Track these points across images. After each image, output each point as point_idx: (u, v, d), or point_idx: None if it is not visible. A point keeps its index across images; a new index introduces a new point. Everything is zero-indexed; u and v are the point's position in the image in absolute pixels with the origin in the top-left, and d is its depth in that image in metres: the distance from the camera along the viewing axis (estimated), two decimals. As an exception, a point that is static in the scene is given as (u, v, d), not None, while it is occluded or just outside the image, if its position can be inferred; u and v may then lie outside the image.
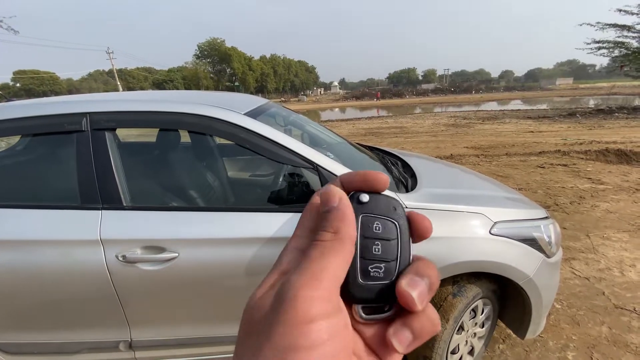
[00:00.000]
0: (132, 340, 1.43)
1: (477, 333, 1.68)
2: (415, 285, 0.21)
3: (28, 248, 1.29)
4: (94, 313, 1.38)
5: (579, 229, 3.32)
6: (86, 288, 1.32)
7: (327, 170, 1.38)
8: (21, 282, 1.31)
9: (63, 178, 1.41)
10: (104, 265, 1.29)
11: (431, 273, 0.22)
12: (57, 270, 1.30)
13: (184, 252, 1.31)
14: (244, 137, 1.39)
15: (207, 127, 1.40)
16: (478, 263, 1.41)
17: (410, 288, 0.21)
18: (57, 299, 1.34)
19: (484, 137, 9.64)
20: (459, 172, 2.19)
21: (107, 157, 1.36)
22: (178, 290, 1.35)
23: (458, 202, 1.50)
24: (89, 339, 1.42)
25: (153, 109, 1.40)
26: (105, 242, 1.29)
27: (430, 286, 0.22)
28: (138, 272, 1.31)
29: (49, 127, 1.38)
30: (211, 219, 1.36)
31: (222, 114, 1.40)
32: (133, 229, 1.32)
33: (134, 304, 1.36)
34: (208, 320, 1.44)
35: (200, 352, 1.50)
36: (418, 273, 0.22)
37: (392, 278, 0.22)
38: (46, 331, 1.40)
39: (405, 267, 0.23)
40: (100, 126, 1.37)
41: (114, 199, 1.34)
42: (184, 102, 1.44)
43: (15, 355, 1.45)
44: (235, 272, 1.35)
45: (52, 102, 1.44)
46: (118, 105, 1.41)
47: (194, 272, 1.33)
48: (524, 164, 6.03)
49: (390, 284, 0.22)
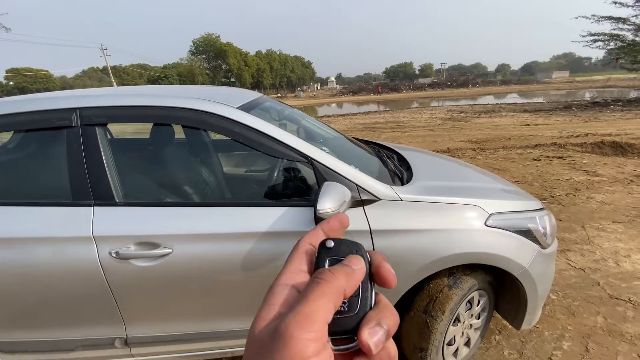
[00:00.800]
0: (128, 337, 1.43)
1: (474, 324, 1.69)
2: (374, 334, 0.24)
3: (20, 246, 1.28)
4: (89, 310, 1.37)
5: (575, 221, 3.34)
6: (80, 285, 1.31)
7: (322, 164, 1.37)
8: (14, 281, 1.30)
9: (54, 175, 1.39)
10: (97, 262, 1.28)
11: (390, 322, 0.25)
12: (50, 268, 1.29)
13: (178, 247, 1.30)
14: (237, 131, 1.37)
15: (200, 122, 1.38)
16: (473, 255, 1.41)
17: (369, 337, 0.24)
18: (51, 297, 1.33)
19: (480, 130, 9.65)
20: (454, 165, 2.19)
21: (98, 152, 1.34)
22: (172, 286, 1.34)
23: (453, 194, 1.49)
24: (84, 336, 1.41)
25: (144, 104, 1.37)
26: (98, 238, 1.28)
27: (388, 334, 0.25)
28: (132, 268, 1.30)
29: (39, 123, 1.36)
30: (205, 214, 1.35)
31: (214, 108, 1.38)
32: (126, 225, 1.30)
33: (129, 300, 1.36)
34: (203, 315, 1.43)
35: (196, 348, 1.50)
36: (379, 322, 0.25)
37: (355, 312, 0.25)
38: (40, 329, 1.39)
39: (367, 303, 0.26)
40: (90, 121, 1.35)
41: (106, 195, 1.32)
42: (176, 97, 1.42)
43: (10, 354, 1.44)
44: (229, 267, 1.34)
45: (42, 98, 1.41)
46: (109, 100, 1.38)
47: (188, 268, 1.32)
48: (521, 157, 6.05)
49: (354, 316, 0.25)
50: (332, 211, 1.18)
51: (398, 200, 1.39)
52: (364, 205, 1.37)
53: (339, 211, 1.21)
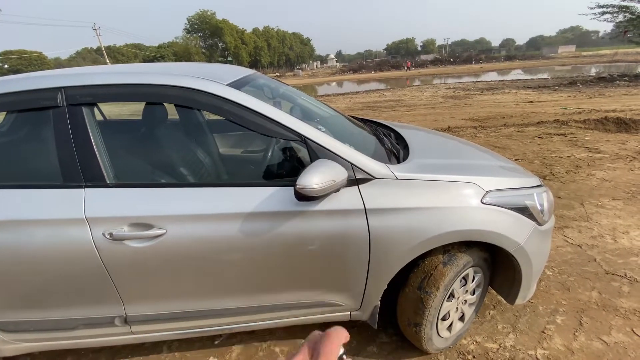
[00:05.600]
0: (127, 315, 1.45)
1: (468, 300, 1.71)
2: None
3: (15, 228, 1.27)
4: (87, 290, 1.38)
5: (574, 198, 3.33)
6: (76, 266, 1.32)
7: (316, 142, 1.34)
8: (11, 263, 1.30)
9: (44, 156, 1.37)
10: (91, 243, 1.28)
11: None
12: (46, 250, 1.29)
13: (171, 228, 1.30)
14: (227, 109, 1.34)
15: (189, 100, 1.34)
16: (469, 232, 1.41)
17: None
18: (49, 278, 1.34)
19: (482, 108, 9.49)
20: (453, 142, 2.15)
21: (86, 133, 1.31)
22: (167, 266, 1.35)
23: (450, 172, 1.47)
24: (84, 316, 1.43)
25: (131, 82, 1.33)
26: (91, 220, 1.27)
27: None
28: (126, 249, 1.30)
29: (25, 103, 1.32)
30: (198, 195, 1.33)
31: (203, 85, 1.34)
32: (118, 207, 1.29)
33: (125, 280, 1.37)
34: (199, 294, 1.45)
35: (194, 325, 1.53)
36: None
37: None
38: (41, 309, 1.41)
39: None
40: (76, 101, 1.31)
41: (97, 176, 1.31)
42: (165, 74, 1.37)
43: (13, 333, 1.47)
44: (223, 247, 1.34)
45: (27, 78, 1.37)
46: (95, 78, 1.34)
47: (182, 248, 1.32)
48: (522, 135, 5.97)
49: None
50: (319, 187, 1.16)
51: (393, 179, 1.37)
52: (359, 184, 1.35)
53: (324, 188, 1.18)
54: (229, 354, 1.78)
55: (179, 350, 1.81)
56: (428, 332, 1.54)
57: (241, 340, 1.85)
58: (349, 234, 1.36)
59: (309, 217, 1.34)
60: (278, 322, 1.61)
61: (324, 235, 1.36)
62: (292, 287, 1.49)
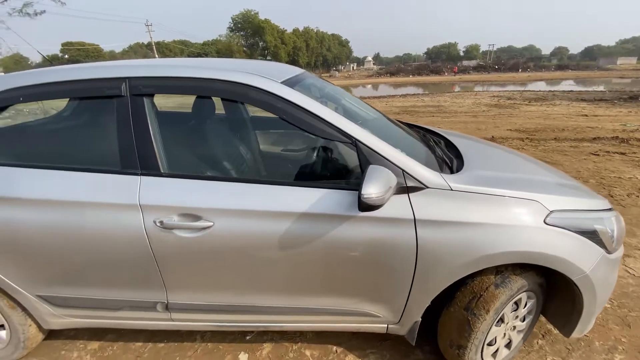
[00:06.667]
0: (169, 302, 1.48)
1: (517, 326, 1.58)
2: None
3: (72, 209, 1.34)
4: (133, 274, 1.43)
5: (636, 224, 3.02)
6: (126, 250, 1.37)
7: (367, 146, 1.29)
8: (66, 241, 1.37)
9: (105, 142, 1.43)
10: (142, 229, 1.32)
11: None
12: (99, 232, 1.35)
13: (219, 221, 1.31)
14: (280, 106, 1.33)
15: (242, 95, 1.35)
16: (529, 254, 1.30)
17: None
18: (99, 258, 1.40)
19: (530, 119, 8.94)
20: (509, 154, 2.01)
21: (145, 123, 1.35)
22: (212, 259, 1.37)
23: (510, 186, 1.36)
24: (128, 298, 1.49)
25: (191, 75, 1.36)
26: (144, 207, 1.31)
27: None
28: (175, 238, 1.32)
29: (90, 91, 1.39)
30: (245, 191, 1.33)
31: (258, 82, 1.34)
32: (170, 196, 1.32)
33: (171, 268, 1.40)
34: (239, 289, 1.46)
35: (231, 319, 1.54)
36: None
37: None
38: (90, 288, 1.48)
39: None
40: (139, 91, 1.35)
41: (152, 165, 1.35)
42: (222, 70, 1.39)
43: (62, 308, 1.55)
44: (266, 245, 1.33)
45: (93, 67, 1.44)
46: (156, 70, 1.38)
47: (228, 242, 1.33)
48: (575, 150, 5.54)
49: None
50: (377, 197, 1.11)
51: (447, 190, 1.29)
52: (409, 192, 1.29)
53: (384, 198, 1.14)
54: (260, 351, 1.77)
55: (211, 342, 1.84)
56: (472, 357, 1.44)
57: (272, 339, 1.84)
58: (395, 243, 1.30)
59: (354, 223, 1.29)
60: (312, 325, 1.58)
61: (369, 242, 1.31)
62: (330, 292, 1.45)
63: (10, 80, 1.41)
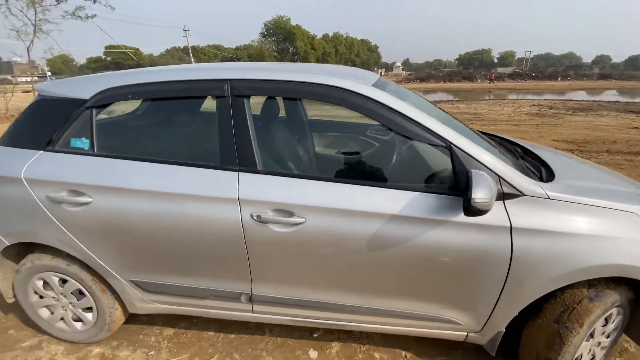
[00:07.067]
0: (253, 294, 1.55)
1: (602, 343, 1.52)
2: None
3: (174, 200, 1.44)
4: (224, 265, 1.51)
5: None
6: (221, 241, 1.45)
7: (463, 150, 1.30)
8: (163, 230, 1.47)
9: (206, 139, 1.53)
10: (239, 222, 1.40)
11: None
12: (197, 223, 1.44)
13: (310, 218, 1.36)
14: (377, 110, 1.38)
15: (339, 99, 1.40)
16: (626, 267, 1.25)
17: None
18: (194, 248, 1.49)
19: (576, 130, 8.52)
20: (590, 166, 1.94)
21: (245, 122, 1.43)
22: (302, 254, 1.42)
23: (606, 197, 1.33)
24: (215, 287, 1.57)
25: (290, 79, 1.43)
26: (243, 201, 1.39)
27: None
28: (269, 232, 1.39)
29: (194, 91, 1.50)
30: (337, 190, 1.38)
31: (355, 86, 1.39)
32: (266, 192, 1.39)
33: (261, 261, 1.47)
34: (325, 286, 1.50)
35: (312, 315, 1.58)
36: None
37: None
38: (181, 276, 1.58)
39: None
40: (239, 93, 1.44)
41: (250, 162, 1.42)
42: (316, 73, 1.45)
43: (152, 294, 1.66)
44: (354, 244, 1.37)
45: (197, 69, 1.55)
46: (256, 73, 1.47)
47: (317, 239, 1.38)
48: (631, 165, 5.23)
49: None
50: (486, 202, 1.12)
51: (545, 198, 1.27)
52: (505, 199, 1.28)
53: (491, 203, 1.14)
54: (329, 349, 1.80)
55: (280, 336, 1.89)
56: (560, 371, 1.40)
57: (339, 338, 1.87)
58: (487, 250, 1.29)
59: (446, 227, 1.30)
60: (386, 327, 1.59)
61: (460, 248, 1.31)
62: (411, 296, 1.46)
63: (121, 78, 1.54)
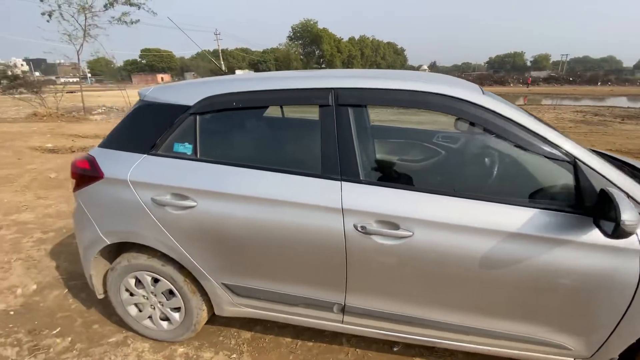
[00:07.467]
0: (346, 305, 1.53)
1: None
2: None
3: (275, 206, 1.44)
4: (320, 273, 1.50)
5: None
6: (319, 249, 1.43)
7: (589, 166, 1.22)
8: (262, 235, 1.48)
9: (307, 147, 1.53)
10: (341, 232, 1.38)
11: None
12: (297, 229, 1.43)
13: (418, 231, 1.32)
14: (494, 121, 1.33)
15: (453, 108, 1.36)
16: None
17: None
18: (290, 255, 1.49)
19: (629, 139, 8.01)
20: None
21: (349, 132, 1.42)
22: (404, 267, 1.38)
23: None
24: (308, 295, 1.56)
25: (400, 88, 1.40)
26: (346, 211, 1.37)
27: None
28: (372, 244, 1.36)
29: (299, 100, 1.50)
30: (448, 204, 1.33)
31: (466, 95, 1.35)
32: (371, 202, 1.37)
33: (359, 272, 1.44)
34: (421, 301, 1.45)
35: (408, 331, 1.53)
36: None
37: None
38: (274, 281, 1.58)
39: None
40: (344, 102, 1.43)
41: (352, 172, 1.40)
42: (426, 82, 1.41)
43: (242, 298, 1.67)
44: (463, 260, 1.32)
45: (301, 77, 1.55)
46: (363, 82, 1.45)
47: (425, 253, 1.34)
48: None
49: None
50: (634, 224, 1.04)
51: None
52: None
53: (638, 225, 1.06)
54: (411, 365, 1.75)
55: (358, 347, 1.86)
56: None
57: (421, 354, 1.81)
58: (614, 274, 1.21)
59: (568, 248, 1.23)
60: (480, 347, 1.52)
61: (583, 270, 1.23)
62: (519, 317, 1.39)
63: (225, 86, 1.57)
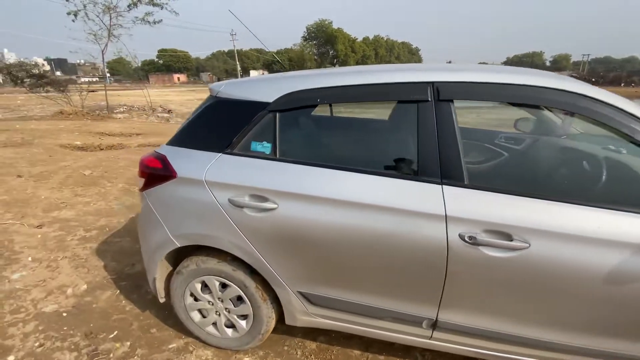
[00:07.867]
0: (438, 321, 1.40)
1: None
2: None
3: (362, 211, 1.32)
4: (413, 285, 1.37)
5: None
6: (414, 259, 1.31)
7: None
8: (347, 241, 1.36)
9: (400, 147, 1.41)
10: (444, 242, 1.25)
11: None
12: (388, 237, 1.31)
13: (536, 243, 1.18)
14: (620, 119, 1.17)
15: (576, 106, 1.21)
16: None
17: None
18: (380, 265, 1.37)
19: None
20: None
21: (451, 130, 1.29)
22: (515, 282, 1.24)
23: None
24: (396, 309, 1.43)
25: (510, 81, 1.26)
26: (450, 219, 1.24)
27: None
28: (480, 255, 1.23)
29: (390, 95, 1.38)
30: (567, 212, 1.18)
31: (590, 90, 1.20)
32: (479, 210, 1.23)
33: (458, 286, 1.30)
34: (530, 318, 1.30)
35: (499, 348, 1.39)
36: None
37: None
38: (358, 292, 1.46)
39: None
40: (445, 97, 1.30)
41: (456, 175, 1.27)
42: (540, 75, 1.27)
43: (318, 307, 1.55)
44: (590, 276, 1.16)
45: (390, 70, 1.43)
46: (465, 75, 1.32)
47: (541, 268, 1.19)
48: None
49: None
50: None
51: None
52: None
53: None
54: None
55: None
56: None
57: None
58: None
59: None
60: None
61: None
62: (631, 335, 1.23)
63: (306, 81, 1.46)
